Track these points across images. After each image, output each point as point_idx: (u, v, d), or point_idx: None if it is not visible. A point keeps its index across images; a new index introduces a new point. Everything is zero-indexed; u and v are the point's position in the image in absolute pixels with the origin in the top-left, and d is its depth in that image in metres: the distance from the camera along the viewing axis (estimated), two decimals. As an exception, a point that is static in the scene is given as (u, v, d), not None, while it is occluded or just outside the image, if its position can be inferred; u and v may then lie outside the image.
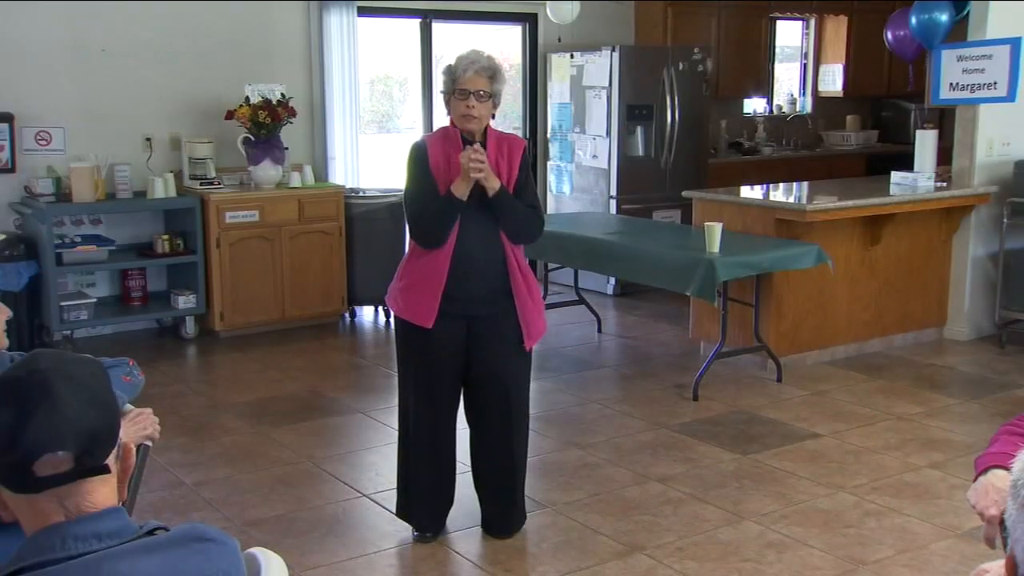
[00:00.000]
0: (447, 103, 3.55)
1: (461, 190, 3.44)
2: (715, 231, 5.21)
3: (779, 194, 6.62)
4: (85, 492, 1.38)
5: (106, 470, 1.40)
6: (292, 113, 6.67)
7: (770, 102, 9.97)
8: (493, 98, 3.50)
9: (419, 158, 3.57)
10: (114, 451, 1.43)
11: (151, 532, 1.42)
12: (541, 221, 3.65)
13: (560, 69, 8.10)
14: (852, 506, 4.03)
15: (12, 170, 6.20)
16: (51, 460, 1.34)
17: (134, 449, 1.46)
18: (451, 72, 3.51)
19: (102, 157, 6.26)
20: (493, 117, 3.58)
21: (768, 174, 8.40)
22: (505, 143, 3.58)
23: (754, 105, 9.84)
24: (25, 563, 1.34)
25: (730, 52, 8.89)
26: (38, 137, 6.28)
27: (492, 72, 3.47)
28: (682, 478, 4.31)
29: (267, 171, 6.63)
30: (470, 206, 3.45)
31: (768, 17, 9.35)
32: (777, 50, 9.92)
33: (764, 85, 9.61)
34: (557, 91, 8.17)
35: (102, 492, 1.39)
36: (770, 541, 3.72)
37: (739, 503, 4.05)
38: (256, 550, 1.73)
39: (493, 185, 3.44)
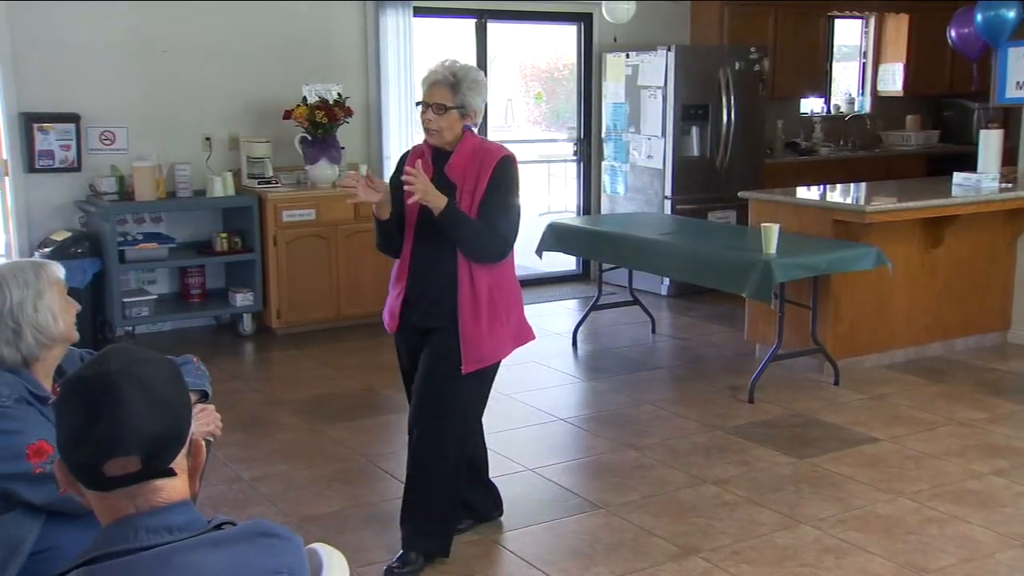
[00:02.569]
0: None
1: (383, 211, 3.37)
2: (772, 232, 5.16)
3: (836, 195, 6.53)
4: (155, 489, 1.41)
5: (171, 473, 1.42)
6: (349, 113, 6.73)
7: (828, 102, 9.84)
8: (460, 109, 3.31)
9: (398, 166, 3.56)
10: (184, 448, 1.45)
11: (219, 526, 1.44)
12: (502, 240, 3.37)
13: (615, 69, 8.08)
14: (912, 512, 3.96)
15: (78, 169, 6.33)
16: (119, 462, 1.37)
17: (204, 445, 1.48)
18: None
19: (163, 156, 6.38)
20: (470, 128, 3.39)
21: (825, 175, 8.29)
22: (478, 157, 3.37)
23: (811, 105, 9.72)
24: (100, 552, 1.37)
25: (787, 52, 8.79)
26: (102, 137, 6.41)
27: (454, 83, 3.30)
28: (737, 481, 4.28)
29: (324, 170, 6.70)
30: (429, 219, 3.31)
31: (827, 16, 9.23)
32: (835, 49, 9.78)
33: (822, 85, 9.50)
34: (612, 91, 8.15)
35: (173, 487, 1.42)
36: (828, 546, 3.67)
37: (796, 507, 4.00)
38: (317, 546, 1.75)
39: (436, 205, 3.24)
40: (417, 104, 3.40)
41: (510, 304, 3.52)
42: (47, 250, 5.97)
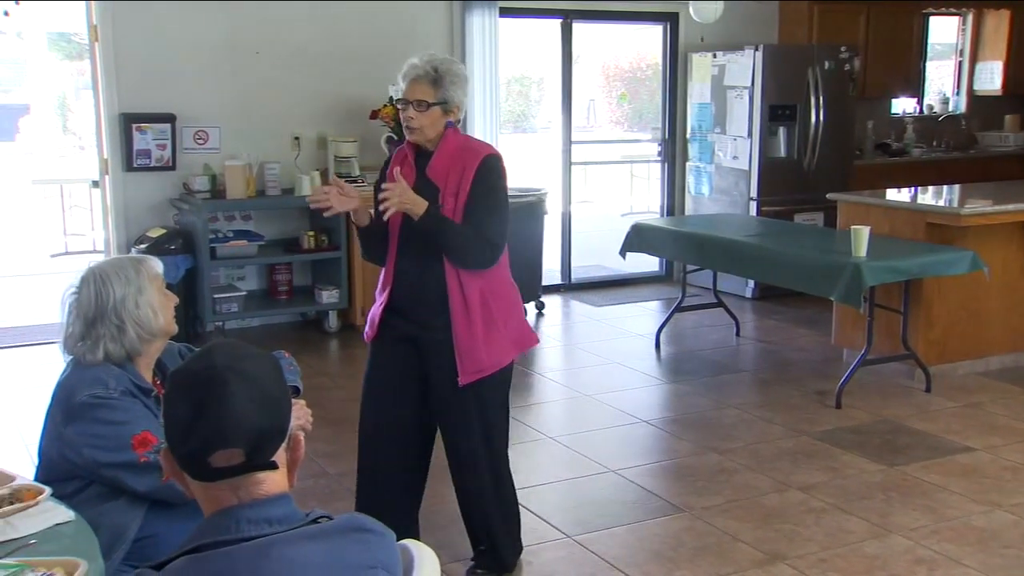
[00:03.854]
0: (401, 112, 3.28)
1: (361, 218, 3.23)
2: (862, 234, 5.05)
3: (929, 197, 6.37)
4: (257, 481, 1.44)
5: (274, 466, 1.46)
6: (434, 113, 6.77)
7: (920, 101, 9.59)
8: (443, 105, 3.13)
9: (383, 167, 3.40)
10: (284, 442, 1.48)
11: (315, 520, 1.47)
12: (490, 246, 3.18)
13: (701, 69, 7.99)
14: (1011, 525, 3.84)
15: (173, 168, 6.51)
16: (224, 454, 1.41)
17: (303, 440, 1.51)
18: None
19: (253, 156, 6.52)
20: (453, 125, 3.21)
21: (917, 176, 8.09)
22: (462, 156, 3.17)
23: (903, 105, 9.49)
24: (203, 541, 1.41)
25: (879, 50, 8.59)
26: (196, 136, 6.58)
27: (435, 78, 3.12)
28: (824, 487, 4.20)
29: (409, 170, 6.75)
30: (413, 225, 3.13)
31: (921, 13, 9.00)
32: (929, 47, 9.53)
33: (914, 84, 9.25)
34: (697, 91, 8.07)
35: (273, 480, 1.46)
36: (920, 557, 3.58)
37: (886, 516, 3.91)
38: (408, 542, 1.77)
39: (415, 211, 3.07)
40: (397, 102, 3.24)
41: (507, 308, 3.31)
42: (143, 246, 6.14)
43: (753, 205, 7.64)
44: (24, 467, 3.00)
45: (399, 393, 3.36)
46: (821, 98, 7.61)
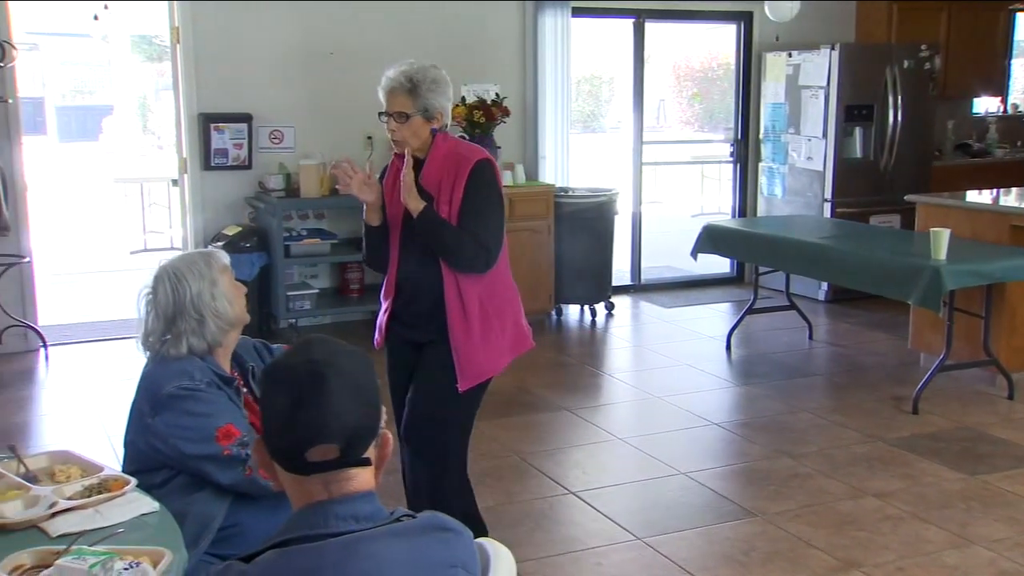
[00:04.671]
0: None
1: (371, 216, 3.20)
2: (942, 237, 4.94)
3: (1012, 199, 6.19)
4: (348, 477, 1.47)
5: (367, 463, 1.48)
6: (506, 113, 6.80)
7: (1005, 101, 9.33)
8: (424, 113, 3.07)
9: (382, 174, 3.33)
10: (375, 440, 1.50)
11: (399, 519, 1.49)
12: (484, 250, 3.11)
13: (775, 68, 7.89)
14: (1095, 538, 3.72)
15: (249, 167, 6.63)
16: (320, 449, 1.43)
17: (391, 438, 1.53)
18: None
19: (327, 155, 6.59)
20: (439, 131, 3.13)
21: (999, 178, 7.87)
22: (452, 163, 3.11)
23: (985, 105, 9.25)
24: (293, 534, 1.44)
25: (961, 49, 8.38)
26: (272, 136, 6.69)
27: (410, 88, 3.07)
28: (901, 495, 4.11)
29: (480, 170, 6.78)
30: (414, 230, 3.11)
31: (1007, 10, 8.75)
32: (1015, 45, 9.27)
33: (998, 83, 9.00)
34: (771, 91, 7.96)
35: (363, 477, 1.48)
36: (1003, 569, 3.49)
37: (966, 526, 3.82)
38: (484, 540, 1.78)
39: (414, 207, 3.05)
40: (379, 115, 3.17)
41: (505, 312, 3.24)
42: (219, 244, 6.26)
43: (827, 207, 7.51)
44: (107, 458, 3.08)
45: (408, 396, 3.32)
46: (899, 98, 7.46)
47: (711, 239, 6.33)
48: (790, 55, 7.71)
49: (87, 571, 1.75)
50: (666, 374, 5.97)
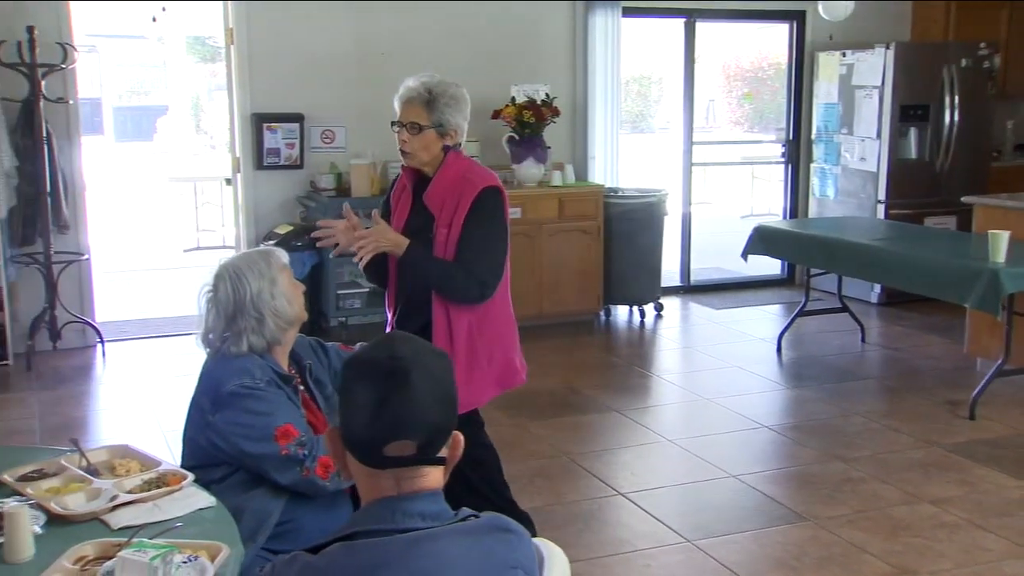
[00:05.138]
0: None
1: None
2: (1000, 239, 4.85)
3: (1074, 201, 6.06)
4: (420, 474, 1.48)
5: (442, 461, 1.50)
6: (556, 113, 6.80)
7: (1064, 101, 9.13)
8: (438, 128, 3.01)
9: (389, 188, 3.29)
10: (448, 439, 1.52)
11: (464, 518, 1.50)
12: (478, 284, 3.00)
13: (828, 68, 7.80)
14: None
15: (301, 166, 6.70)
16: (399, 445, 1.45)
17: (462, 440, 1.54)
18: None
19: (378, 154, 6.64)
20: (452, 150, 3.06)
21: (1060, 180, 7.71)
22: (459, 186, 3.01)
23: (1044, 104, 9.05)
24: (359, 528, 1.46)
25: (1022, 48, 8.21)
26: (323, 136, 6.75)
27: (428, 100, 3.01)
28: (958, 502, 4.04)
29: (530, 169, 6.81)
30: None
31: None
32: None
33: (1059, 82, 8.81)
34: (824, 91, 7.87)
35: (433, 476, 1.50)
36: (1061, 578, 3.42)
37: (1024, 534, 3.75)
38: (539, 541, 1.78)
39: (395, 252, 2.97)
40: (392, 124, 3.11)
41: (495, 345, 3.13)
42: (271, 243, 6.33)
43: (881, 208, 7.41)
44: (162, 453, 3.12)
45: None
46: (956, 97, 7.34)
47: (762, 240, 6.27)
48: (844, 54, 7.62)
49: (148, 563, 1.78)
50: (715, 376, 5.93)
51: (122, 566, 1.79)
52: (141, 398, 5.47)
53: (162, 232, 11.75)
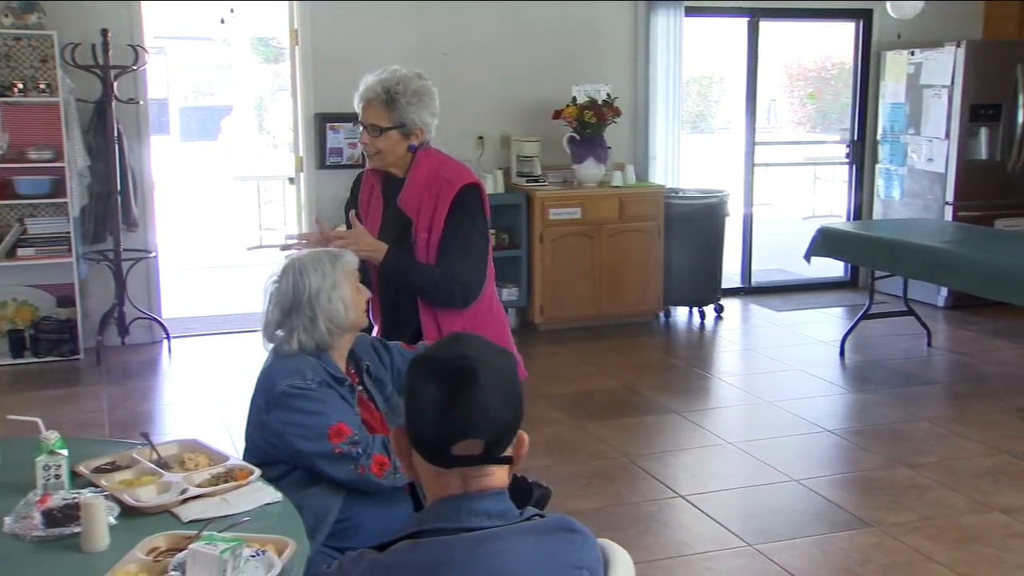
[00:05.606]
0: None
1: None
2: (1075, 243, 4.73)
3: None
4: (486, 473, 1.49)
5: (508, 460, 1.50)
6: (617, 113, 6.78)
7: None
8: (400, 128, 2.88)
9: (352, 192, 3.15)
10: (513, 440, 1.52)
11: (529, 518, 1.50)
12: (461, 287, 2.89)
13: (895, 67, 7.66)
14: None
15: (362, 165, 6.64)
16: (466, 444, 1.45)
17: (526, 439, 1.54)
18: None
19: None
20: (418, 148, 2.93)
21: None
22: (435, 186, 2.88)
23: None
24: (426, 526, 1.47)
25: (1096, 45, 8.00)
26: (385, 136, 6.79)
27: (386, 100, 2.87)
28: (1029, 511, 3.96)
29: (590, 169, 6.79)
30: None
31: None
32: None
33: None
34: (890, 90, 7.74)
35: (498, 475, 1.50)
36: None
37: (1098, 545, 3.65)
38: (604, 542, 1.78)
39: (374, 258, 2.86)
40: (353, 124, 2.95)
41: None
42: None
43: (948, 210, 7.26)
44: (226, 449, 3.17)
45: None
46: (1028, 97, 7.17)
47: (826, 242, 6.19)
48: (912, 53, 7.48)
49: (218, 556, 1.81)
50: (777, 379, 5.87)
51: (193, 558, 1.82)
52: (205, 394, 5.57)
53: (226, 230, 11.94)
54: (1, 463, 2.42)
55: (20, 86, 5.82)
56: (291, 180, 7.22)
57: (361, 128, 2.94)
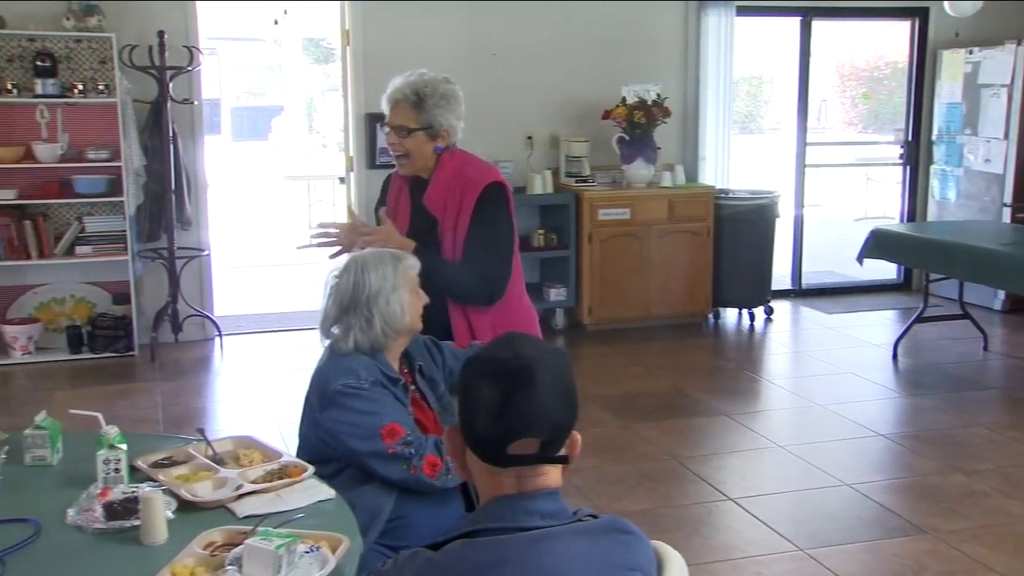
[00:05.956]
0: None
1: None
2: None
3: None
4: (540, 473, 1.49)
5: (564, 460, 1.50)
6: (667, 113, 6.74)
7: None
8: (428, 130, 2.93)
9: (381, 195, 3.19)
10: (568, 440, 1.52)
11: (581, 518, 1.50)
12: (487, 284, 2.94)
13: (952, 66, 7.54)
14: None
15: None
16: (522, 443, 1.46)
17: (579, 440, 1.54)
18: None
19: (487, 154, 6.62)
20: (445, 150, 2.98)
21: None
22: (460, 185, 2.93)
23: None
24: (480, 525, 1.47)
25: None
26: (435, 136, 6.82)
27: (415, 102, 2.94)
28: (1089, 520, 3.87)
29: (639, 170, 6.76)
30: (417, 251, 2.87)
31: None
32: None
33: None
34: (947, 90, 7.61)
35: (554, 475, 1.50)
36: None
37: None
38: (657, 544, 1.77)
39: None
40: (380, 125, 3.00)
41: None
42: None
43: (1006, 212, 7.12)
44: (277, 446, 3.21)
45: None
46: (1092, 96, 7.02)
47: (879, 244, 6.11)
48: (970, 52, 7.35)
49: (273, 552, 1.83)
50: (828, 381, 5.80)
51: (249, 553, 1.85)
52: (256, 391, 5.63)
53: (276, 229, 12.06)
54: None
55: (80, 87, 5.94)
56: (341, 180, 7.27)
57: (388, 129, 2.99)
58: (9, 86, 5.86)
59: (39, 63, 5.86)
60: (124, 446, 2.30)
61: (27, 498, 2.27)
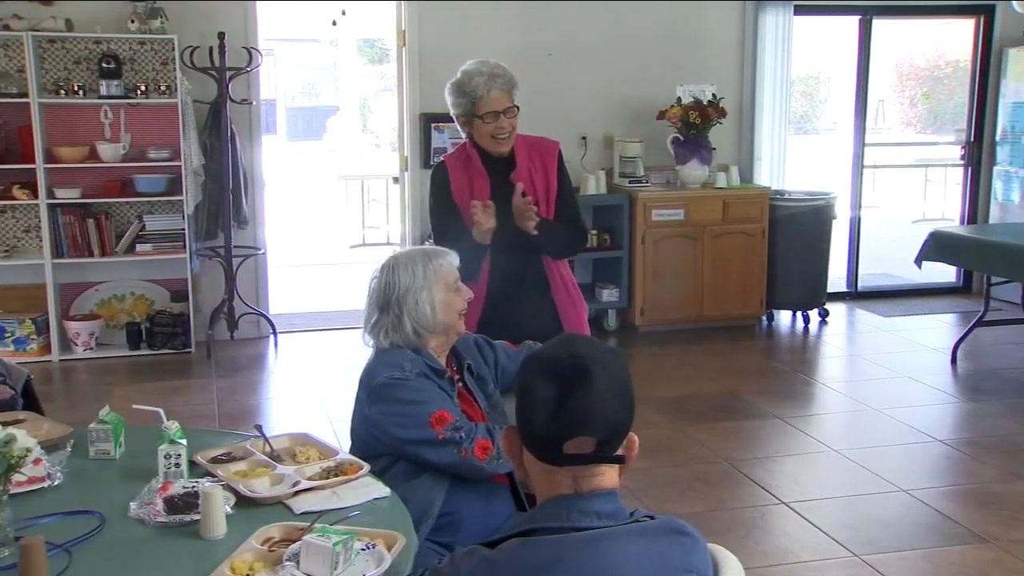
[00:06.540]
0: (465, 125, 3.25)
1: (486, 237, 3.13)
2: None
3: None
4: (597, 473, 1.49)
5: (621, 460, 1.50)
6: (722, 114, 6.69)
7: None
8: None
9: (442, 185, 3.29)
10: (625, 440, 1.52)
11: (638, 519, 1.50)
12: (583, 233, 3.42)
13: (1019, 65, 7.38)
14: None
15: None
16: (578, 442, 1.46)
17: (637, 441, 1.54)
18: (465, 93, 3.19)
19: (542, 155, 6.68)
20: None
21: None
22: (536, 152, 3.24)
23: None
24: (535, 525, 1.48)
25: None
26: (488, 136, 6.84)
27: (514, 83, 3.23)
28: None
29: (694, 171, 6.72)
30: (500, 224, 3.12)
31: None
32: None
33: None
34: (1012, 89, 7.45)
35: (609, 475, 1.50)
36: None
37: None
38: (713, 547, 1.76)
39: (529, 229, 3.11)
40: (485, 116, 3.13)
41: (577, 291, 3.43)
42: (431, 241, 6.46)
43: (1072, 214, 6.98)
44: (330, 443, 3.24)
45: None
46: None
47: (939, 246, 6.00)
48: (1037, 50, 7.20)
49: (331, 548, 1.85)
50: (884, 386, 5.71)
51: (307, 549, 1.87)
52: (311, 389, 5.69)
53: (330, 228, 12.18)
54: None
55: (142, 88, 6.05)
56: (395, 179, 7.32)
57: (497, 116, 3.15)
58: (76, 87, 6.00)
59: (105, 65, 5.98)
60: (184, 441, 2.34)
61: (91, 491, 2.32)
